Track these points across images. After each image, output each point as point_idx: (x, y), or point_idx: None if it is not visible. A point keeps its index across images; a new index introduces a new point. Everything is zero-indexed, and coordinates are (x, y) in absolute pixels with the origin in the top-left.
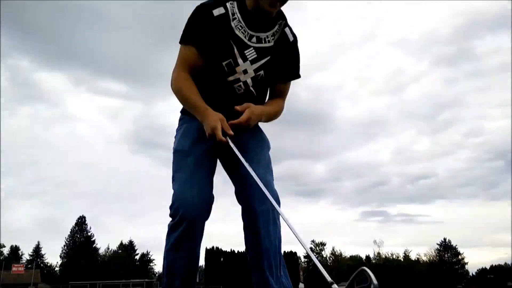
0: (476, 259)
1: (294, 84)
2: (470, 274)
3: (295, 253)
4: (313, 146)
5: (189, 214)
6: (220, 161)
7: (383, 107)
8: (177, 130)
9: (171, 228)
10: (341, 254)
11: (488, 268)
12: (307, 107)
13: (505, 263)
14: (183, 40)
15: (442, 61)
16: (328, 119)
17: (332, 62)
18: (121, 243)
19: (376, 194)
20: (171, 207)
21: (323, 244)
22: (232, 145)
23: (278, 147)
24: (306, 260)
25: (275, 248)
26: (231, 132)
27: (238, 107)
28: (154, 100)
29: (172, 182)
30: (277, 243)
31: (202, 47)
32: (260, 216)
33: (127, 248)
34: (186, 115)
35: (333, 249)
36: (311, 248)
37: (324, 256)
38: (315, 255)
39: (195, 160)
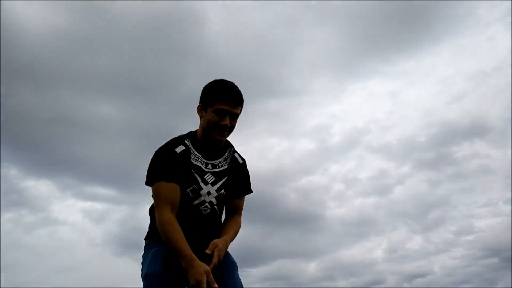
0: None
1: (283, 186)
2: None
3: None
4: (304, 245)
5: None
6: None
7: (372, 207)
8: (144, 256)
9: None
10: None
11: None
12: (297, 208)
13: None
14: (166, 179)
15: (424, 165)
16: (318, 219)
17: (318, 167)
18: None
19: None
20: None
21: None
22: None
23: (268, 247)
24: None
25: None
26: (216, 286)
27: (208, 251)
28: (140, 203)
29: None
30: None
31: (180, 182)
32: None
33: None
34: (153, 240)
35: None
36: None
37: None
38: None
39: (168, 284)
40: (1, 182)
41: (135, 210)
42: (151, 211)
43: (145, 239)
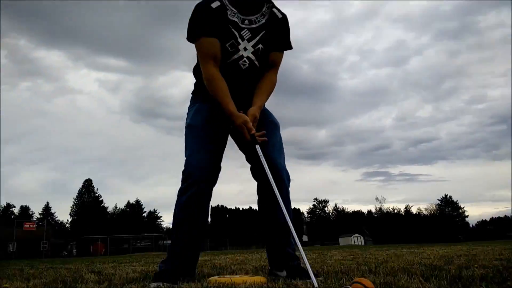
0: (476, 213)
1: (295, 57)
2: (471, 226)
3: (299, 209)
4: (315, 114)
5: (199, 179)
6: (234, 139)
7: (386, 77)
8: (189, 108)
9: (182, 191)
10: (343, 209)
11: (488, 220)
12: (309, 78)
13: (505, 215)
14: (204, 34)
15: (445, 34)
16: (330, 90)
17: (332, 38)
18: (128, 203)
19: (379, 156)
20: (184, 172)
21: (326, 202)
22: (257, 148)
23: (281, 116)
24: (309, 216)
25: (289, 219)
26: (254, 131)
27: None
28: (154, 74)
29: (185, 151)
30: (291, 214)
31: (219, 36)
32: (278, 194)
33: (134, 207)
34: (198, 97)
35: (335, 206)
36: (314, 205)
37: (327, 211)
38: (318, 212)
39: (207, 133)
40: (12, 52)
41: (148, 81)
42: (195, 69)
43: (191, 93)
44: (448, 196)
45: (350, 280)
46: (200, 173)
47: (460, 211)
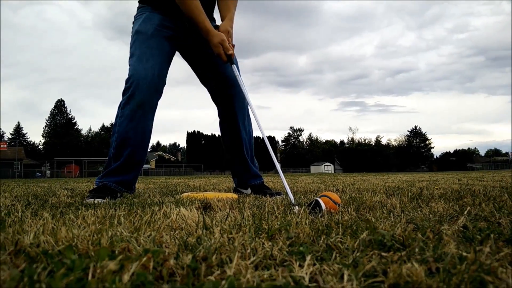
0: (442, 144)
1: None
2: (435, 157)
3: (274, 137)
4: (296, 39)
5: (146, 89)
6: (184, 57)
7: (372, 1)
8: (137, 17)
9: (126, 100)
10: (317, 139)
11: (451, 152)
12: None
13: (468, 148)
14: None
15: None
16: (314, 13)
17: None
18: (103, 125)
19: (356, 86)
20: (127, 81)
21: (300, 130)
22: (234, 68)
23: (261, 40)
24: (283, 144)
25: (250, 139)
26: (232, 51)
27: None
28: None
29: (130, 58)
30: (251, 133)
31: None
32: (239, 114)
33: (109, 130)
34: (147, 5)
35: (310, 135)
36: (289, 134)
37: (301, 140)
38: (292, 141)
39: (156, 42)
40: None
41: None
42: None
43: (138, 2)
44: (417, 128)
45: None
46: (147, 83)
47: (427, 142)
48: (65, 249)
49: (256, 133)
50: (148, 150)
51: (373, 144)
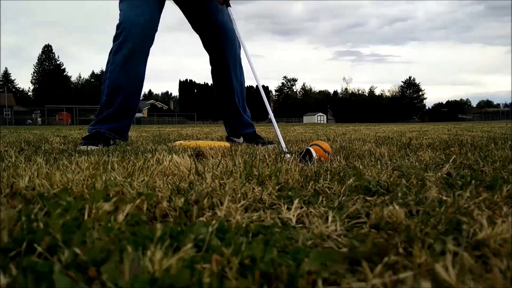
0: (436, 95)
1: None
2: (427, 107)
3: (267, 87)
4: None
5: (136, 33)
6: (176, 1)
7: None
8: None
9: (118, 46)
10: (310, 89)
11: (444, 103)
12: None
13: (461, 99)
14: None
15: None
16: None
17: None
18: (93, 73)
19: (352, 35)
20: (118, 26)
21: (294, 80)
22: (230, 10)
23: None
24: (277, 93)
25: (242, 87)
26: None
27: None
28: None
29: (121, 3)
30: (243, 82)
31: None
32: (230, 62)
33: (99, 78)
34: None
35: (303, 85)
36: (283, 83)
37: (295, 90)
38: (286, 90)
39: None
40: None
41: None
42: None
43: None
44: (411, 78)
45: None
46: (139, 29)
47: (420, 93)
48: (60, 191)
49: (249, 82)
50: (140, 98)
51: (367, 95)
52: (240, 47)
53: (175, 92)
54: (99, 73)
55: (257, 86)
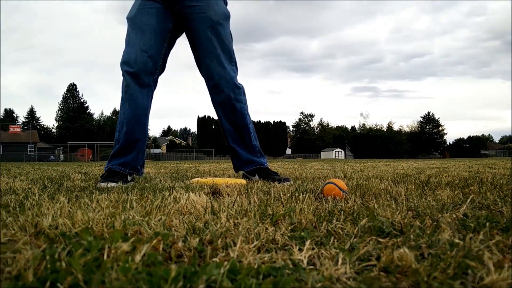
0: (456, 131)
1: None
2: (448, 143)
3: (284, 122)
4: (309, 22)
5: (130, 69)
6: (182, 28)
7: None
8: None
9: (123, 85)
10: (328, 124)
11: (465, 138)
12: None
13: (483, 134)
14: None
15: None
16: None
17: None
18: (115, 110)
19: (369, 71)
20: (120, 66)
21: (311, 116)
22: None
23: (273, 22)
24: (294, 129)
25: (237, 128)
26: None
27: None
28: None
29: (125, 44)
30: (239, 122)
31: None
32: (217, 107)
33: None
34: None
35: (320, 120)
36: (300, 119)
37: (312, 126)
38: (303, 126)
39: (140, 22)
40: None
41: None
42: None
43: None
44: (430, 114)
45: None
46: (132, 63)
47: (440, 128)
48: (82, 231)
49: (266, 117)
50: (159, 134)
51: (385, 130)
52: (238, 87)
53: (193, 128)
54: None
55: (273, 122)
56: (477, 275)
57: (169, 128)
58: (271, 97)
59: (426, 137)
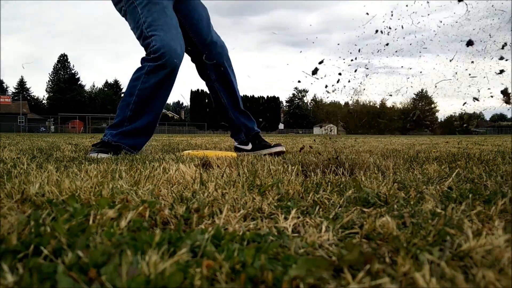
0: (449, 108)
1: None
2: (439, 120)
3: (278, 97)
4: None
5: (174, 61)
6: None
7: None
8: None
9: (154, 68)
10: (321, 100)
11: (457, 115)
12: None
13: (474, 112)
14: None
15: None
16: None
17: None
18: (107, 82)
19: (365, 47)
20: (156, 51)
21: (305, 91)
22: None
23: None
24: (287, 104)
25: (237, 91)
26: None
27: None
28: None
29: (149, 26)
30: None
31: None
32: (229, 69)
33: (113, 87)
34: None
35: (314, 96)
36: (293, 94)
37: (305, 101)
38: (297, 101)
39: (171, 10)
40: None
41: None
42: None
43: None
44: (424, 91)
45: (315, 153)
46: (178, 55)
47: (432, 106)
48: (68, 198)
49: (255, 92)
50: None
51: (378, 106)
52: (226, 49)
53: (186, 101)
54: (112, 82)
55: (267, 97)
56: (455, 242)
57: None
58: (267, 72)
59: (419, 114)
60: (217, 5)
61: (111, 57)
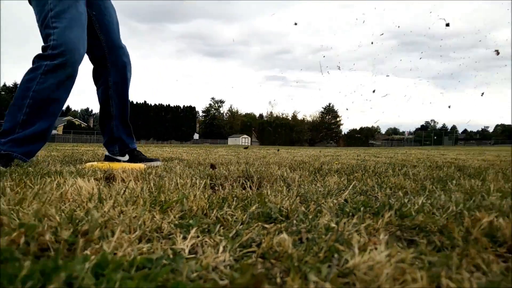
0: (353, 121)
1: None
2: (343, 133)
3: (194, 107)
4: (226, 7)
5: (76, 62)
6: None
7: None
8: None
9: (53, 68)
10: (237, 111)
11: (358, 129)
12: None
13: (372, 126)
14: None
15: None
16: None
17: None
18: (5, 85)
19: (280, 61)
20: (55, 47)
21: (221, 102)
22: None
23: (189, 4)
24: (204, 114)
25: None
26: None
27: None
28: None
29: (54, 18)
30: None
31: None
32: (129, 80)
33: (12, 91)
34: None
35: (230, 107)
36: (210, 105)
37: (222, 112)
38: (213, 112)
39: (83, 7)
40: None
41: None
42: None
43: None
44: (331, 105)
45: (231, 167)
46: (80, 56)
47: (338, 119)
48: None
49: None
50: None
51: (290, 118)
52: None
53: (96, 109)
54: (11, 85)
55: (183, 106)
56: (342, 258)
57: (68, 108)
58: (183, 81)
59: (325, 127)
60: (136, 10)
61: (9, 59)
